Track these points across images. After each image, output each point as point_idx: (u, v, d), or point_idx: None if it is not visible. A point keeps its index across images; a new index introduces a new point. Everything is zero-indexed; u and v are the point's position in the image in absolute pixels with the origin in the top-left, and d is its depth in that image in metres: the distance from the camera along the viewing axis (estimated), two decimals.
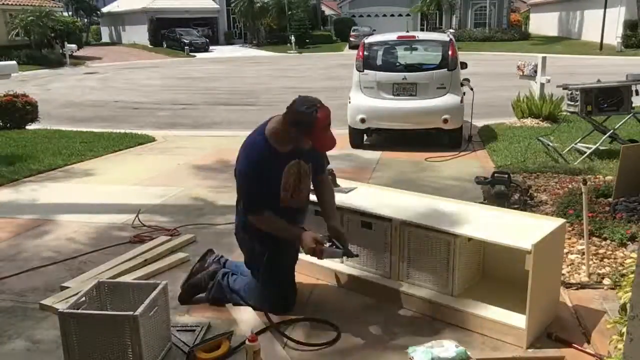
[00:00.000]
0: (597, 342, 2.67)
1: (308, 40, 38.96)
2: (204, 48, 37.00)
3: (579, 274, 3.39)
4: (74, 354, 2.48)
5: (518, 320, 2.72)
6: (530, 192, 4.82)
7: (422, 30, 38.31)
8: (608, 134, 6.25)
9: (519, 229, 2.85)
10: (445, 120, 7.00)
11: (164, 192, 5.54)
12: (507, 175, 4.55)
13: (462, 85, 7.32)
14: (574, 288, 3.24)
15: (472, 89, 7.51)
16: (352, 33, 37.44)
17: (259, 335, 2.68)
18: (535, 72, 9.08)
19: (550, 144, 6.44)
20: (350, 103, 7.43)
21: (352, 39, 35.86)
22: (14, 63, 10.27)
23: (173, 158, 7.17)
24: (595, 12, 30.02)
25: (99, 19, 50.25)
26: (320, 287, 3.38)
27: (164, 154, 7.49)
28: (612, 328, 2.35)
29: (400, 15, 43.66)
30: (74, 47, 29.33)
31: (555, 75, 9.11)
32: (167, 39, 39.29)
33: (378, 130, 7.68)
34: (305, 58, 30.94)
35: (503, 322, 2.76)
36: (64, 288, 3.36)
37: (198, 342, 2.75)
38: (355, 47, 11.73)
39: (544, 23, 40.64)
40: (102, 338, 2.44)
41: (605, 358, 2.44)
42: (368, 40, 7.81)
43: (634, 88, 6.07)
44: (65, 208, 5.07)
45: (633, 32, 27.78)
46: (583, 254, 3.51)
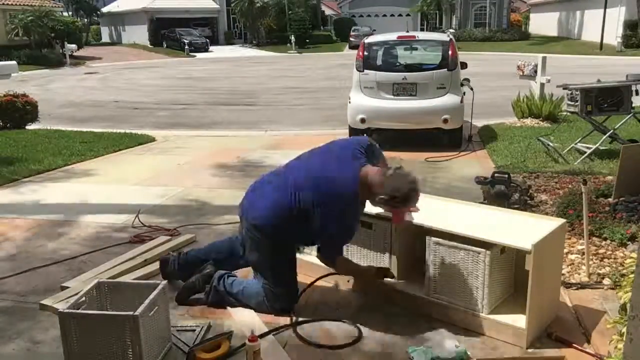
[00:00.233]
0: (597, 342, 2.67)
1: (308, 40, 38.95)
2: (204, 48, 36.78)
3: (579, 274, 3.39)
4: (74, 354, 2.48)
5: (518, 320, 2.73)
6: (530, 192, 4.82)
7: (422, 30, 38.33)
8: (608, 134, 6.24)
9: (519, 229, 2.85)
10: (445, 120, 7.00)
11: (164, 192, 5.54)
12: (507, 175, 4.55)
13: (462, 85, 7.32)
14: (574, 288, 3.24)
15: (472, 89, 7.50)
16: (352, 33, 37.43)
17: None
18: (535, 72, 9.08)
19: (550, 144, 6.44)
20: (350, 103, 7.43)
21: (352, 39, 35.86)
22: (14, 63, 10.26)
23: (173, 158, 7.17)
24: (595, 12, 30.02)
25: (99, 19, 50.22)
26: (320, 287, 3.38)
27: (164, 154, 7.49)
28: (612, 328, 2.35)
29: (400, 15, 43.68)
30: (74, 47, 29.32)
31: (555, 75, 9.10)
32: (167, 39, 39.03)
33: (378, 130, 7.68)
34: (305, 58, 30.94)
35: (503, 322, 2.76)
36: (64, 288, 3.36)
37: (198, 342, 2.75)
38: (355, 47, 11.75)
39: (544, 23, 40.63)
40: (102, 338, 2.44)
41: (605, 358, 2.44)
42: (368, 40, 7.81)
43: (634, 88, 6.07)
44: (65, 208, 5.07)
45: (633, 32, 27.77)
46: (583, 254, 3.51)
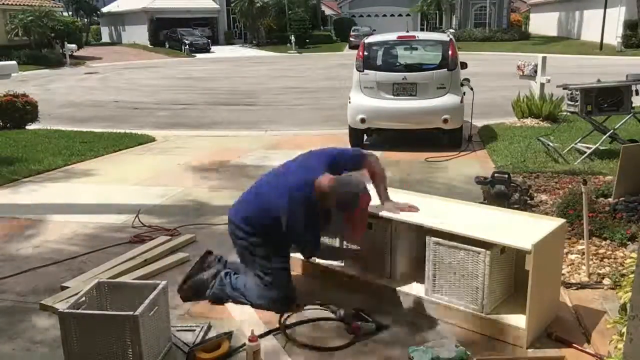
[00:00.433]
0: (597, 342, 2.67)
1: (308, 40, 38.95)
2: (205, 49, 36.63)
3: (579, 274, 3.39)
4: (74, 354, 2.48)
5: (518, 320, 2.73)
6: (530, 192, 4.81)
7: (422, 30, 38.34)
8: (608, 134, 6.24)
9: (519, 229, 2.85)
10: (445, 120, 7.00)
11: (164, 192, 5.55)
12: (507, 175, 4.55)
13: (462, 85, 7.32)
14: (574, 288, 3.24)
15: (472, 89, 7.50)
16: (352, 33, 37.44)
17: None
18: (535, 72, 9.08)
19: (550, 144, 6.44)
20: (350, 103, 7.43)
21: (352, 39, 35.87)
22: (14, 63, 10.25)
23: (173, 158, 7.17)
24: (595, 12, 30.02)
25: (99, 19, 50.22)
26: (320, 287, 3.38)
27: (164, 154, 7.49)
28: (612, 328, 2.35)
29: (400, 15, 43.69)
30: (74, 47, 29.32)
31: (555, 75, 9.10)
32: (169, 40, 38.91)
33: (378, 130, 7.69)
34: (305, 58, 30.94)
35: (503, 322, 2.76)
36: (64, 288, 3.36)
37: (198, 342, 2.75)
38: (355, 47, 11.74)
39: (544, 23, 40.64)
40: (102, 338, 2.44)
41: (605, 358, 2.44)
42: (368, 40, 7.81)
43: (634, 88, 6.07)
44: (65, 208, 5.07)
45: (633, 32, 27.78)
46: (583, 254, 3.51)
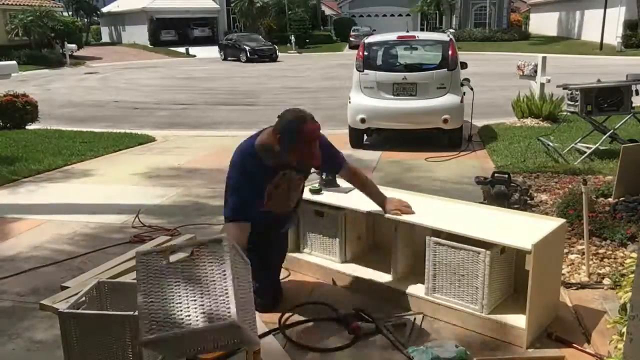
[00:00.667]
0: (597, 342, 2.67)
1: (308, 40, 38.93)
2: (271, 56, 29.26)
3: (579, 274, 3.39)
4: (74, 354, 2.47)
5: (518, 320, 2.73)
6: (530, 192, 4.82)
7: (422, 30, 38.33)
8: (608, 134, 6.25)
9: (519, 229, 2.85)
10: (445, 120, 7.00)
11: (164, 192, 5.55)
12: (507, 175, 4.55)
13: (462, 85, 7.32)
14: (574, 288, 3.24)
15: (472, 89, 7.51)
16: (352, 33, 37.43)
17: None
18: (535, 72, 9.08)
19: (550, 144, 6.44)
20: (350, 103, 7.43)
21: (352, 39, 35.86)
22: (14, 63, 10.26)
23: (173, 158, 7.17)
24: (595, 12, 30.02)
25: (99, 19, 50.22)
26: (320, 286, 3.38)
27: (164, 154, 7.49)
28: (612, 328, 2.35)
29: (400, 15, 43.70)
30: (74, 47, 29.33)
31: (555, 75, 9.11)
32: (225, 48, 31.33)
33: (378, 130, 7.69)
34: (305, 58, 30.93)
35: (503, 322, 2.76)
36: (64, 288, 3.35)
37: None
38: (355, 47, 11.75)
39: (544, 23, 40.63)
40: (102, 338, 2.44)
41: (605, 358, 2.44)
42: (368, 40, 7.81)
43: (634, 88, 6.07)
44: (65, 208, 5.07)
45: (633, 32, 27.78)
46: (583, 254, 3.51)
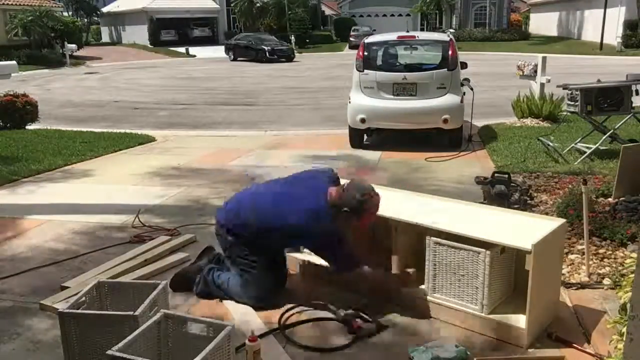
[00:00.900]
0: (597, 342, 2.67)
1: (308, 40, 38.93)
2: (289, 56, 28.93)
3: (579, 274, 3.39)
4: (74, 354, 2.48)
5: (518, 320, 2.73)
6: (530, 192, 4.82)
7: (422, 30, 38.33)
8: (608, 134, 6.24)
9: (519, 229, 2.85)
10: (445, 120, 7.00)
11: (164, 192, 5.55)
12: (507, 175, 4.55)
13: (462, 85, 7.32)
14: (574, 288, 3.24)
15: (472, 89, 7.51)
16: (352, 33, 37.44)
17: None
18: (535, 72, 9.08)
19: (550, 144, 6.44)
20: (350, 103, 7.43)
21: (352, 39, 35.87)
22: (14, 63, 10.23)
23: (173, 158, 7.17)
24: (595, 12, 30.03)
25: (99, 19, 50.23)
26: (320, 286, 3.38)
27: (164, 154, 7.49)
28: (612, 328, 2.35)
29: (400, 15, 43.70)
30: (74, 47, 29.32)
31: (555, 75, 9.11)
32: (235, 48, 30.47)
33: (378, 130, 7.69)
34: (305, 58, 30.94)
35: (503, 322, 2.76)
36: (64, 288, 3.36)
37: None
38: (355, 47, 11.74)
39: (544, 23, 40.64)
40: (102, 338, 2.44)
41: (605, 358, 2.44)
42: (368, 40, 7.81)
43: (634, 88, 6.06)
44: (65, 208, 5.07)
45: (633, 32, 27.78)
46: (583, 254, 3.51)
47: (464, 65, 7.58)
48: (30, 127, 9.58)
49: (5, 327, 2.98)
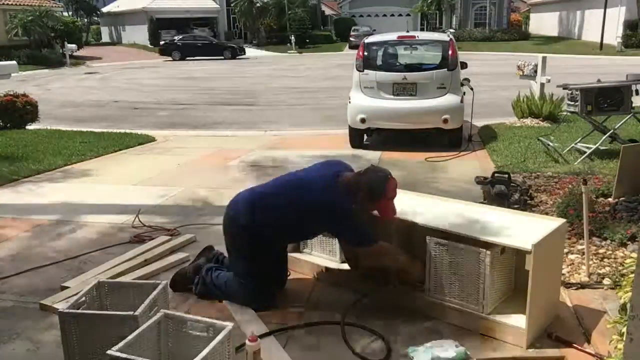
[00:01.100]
0: (597, 342, 2.67)
1: (308, 40, 38.96)
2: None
3: (579, 274, 3.39)
4: (74, 354, 2.48)
5: (518, 320, 2.72)
6: (530, 192, 4.82)
7: (422, 30, 38.33)
8: (608, 134, 6.24)
9: (519, 229, 2.84)
10: (445, 120, 7.00)
11: (164, 192, 5.54)
12: (507, 175, 4.55)
13: (462, 85, 7.33)
14: (574, 288, 3.24)
15: (472, 89, 7.51)
16: (352, 33, 37.47)
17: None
18: (535, 72, 9.08)
19: (550, 144, 6.44)
20: (350, 103, 7.43)
21: (352, 39, 35.91)
22: (14, 63, 10.23)
23: (173, 158, 7.17)
24: (595, 12, 30.05)
25: (99, 19, 50.24)
26: (319, 286, 3.38)
27: (164, 154, 7.49)
28: (612, 328, 2.35)
29: (400, 15, 43.72)
30: (74, 47, 29.34)
31: (555, 75, 9.11)
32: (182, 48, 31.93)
33: (378, 130, 7.69)
34: (305, 58, 30.94)
35: (503, 322, 2.76)
36: (64, 288, 3.36)
37: None
38: (355, 47, 11.74)
39: (544, 23, 40.66)
40: (102, 338, 2.44)
41: (605, 358, 2.44)
42: (368, 40, 7.81)
43: (634, 88, 6.07)
44: (65, 208, 5.07)
45: (633, 32, 27.82)
46: (583, 254, 3.51)
47: (464, 65, 7.58)
48: (30, 127, 9.58)
49: (5, 327, 2.98)
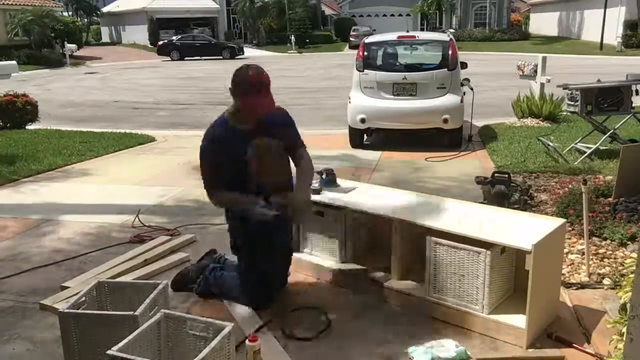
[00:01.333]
0: (597, 342, 2.67)
1: (308, 40, 38.96)
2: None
3: (579, 274, 3.39)
4: (74, 354, 2.48)
5: (518, 320, 2.73)
6: (530, 192, 4.82)
7: (422, 30, 38.34)
8: (608, 134, 6.24)
9: (519, 229, 2.84)
10: (445, 120, 7.00)
11: (164, 192, 5.54)
12: (507, 175, 4.55)
13: (462, 85, 7.32)
14: (574, 288, 3.24)
15: (472, 89, 7.50)
16: (352, 33, 37.45)
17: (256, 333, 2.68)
18: (535, 72, 9.08)
19: (551, 144, 6.44)
20: (351, 103, 7.43)
21: (352, 39, 35.89)
22: (14, 63, 10.26)
23: (173, 158, 7.16)
24: (595, 12, 30.05)
25: (99, 19, 50.23)
26: (320, 285, 3.38)
27: (164, 154, 7.49)
28: (612, 328, 2.35)
29: (400, 15, 43.71)
30: (74, 47, 29.37)
31: (555, 75, 9.10)
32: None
33: (378, 130, 7.68)
34: (305, 58, 30.93)
35: (503, 322, 2.76)
36: (64, 288, 3.36)
37: None
38: (355, 47, 11.74)
39: (544, 23, 40.65)
40: (102, 338, 2.44)
41: (605, 358, 2.45)
42: (368, 40, 7.81)
43: (634, 88, 6.07)
44: (65, 208, 5.06)
45: (633, 32, 27.82)
46: (583, 254, 3.51)
47: (464, 65, 7.58)
48: (30, 127, 9.58)
49: (5, 327, 2.98)
